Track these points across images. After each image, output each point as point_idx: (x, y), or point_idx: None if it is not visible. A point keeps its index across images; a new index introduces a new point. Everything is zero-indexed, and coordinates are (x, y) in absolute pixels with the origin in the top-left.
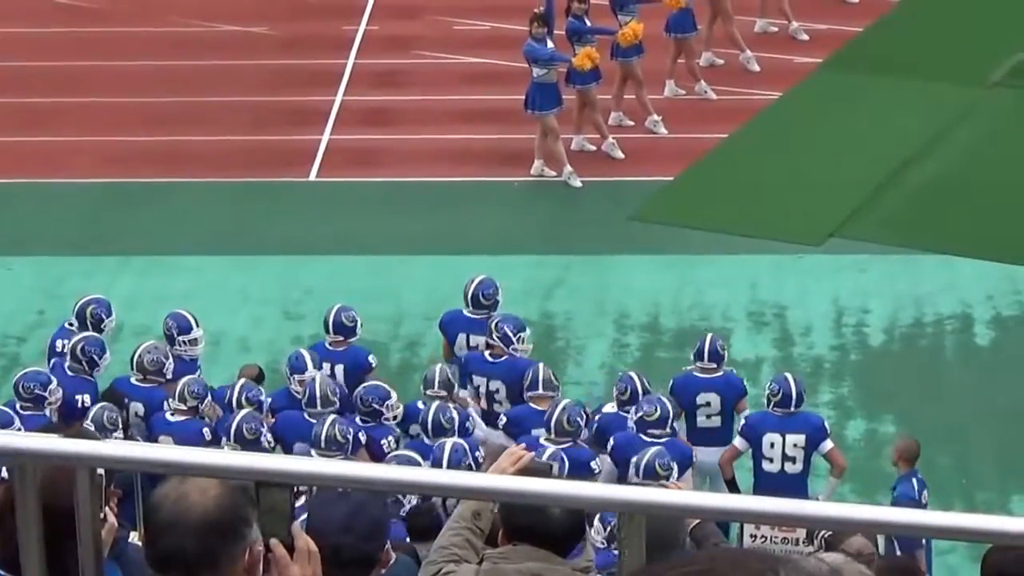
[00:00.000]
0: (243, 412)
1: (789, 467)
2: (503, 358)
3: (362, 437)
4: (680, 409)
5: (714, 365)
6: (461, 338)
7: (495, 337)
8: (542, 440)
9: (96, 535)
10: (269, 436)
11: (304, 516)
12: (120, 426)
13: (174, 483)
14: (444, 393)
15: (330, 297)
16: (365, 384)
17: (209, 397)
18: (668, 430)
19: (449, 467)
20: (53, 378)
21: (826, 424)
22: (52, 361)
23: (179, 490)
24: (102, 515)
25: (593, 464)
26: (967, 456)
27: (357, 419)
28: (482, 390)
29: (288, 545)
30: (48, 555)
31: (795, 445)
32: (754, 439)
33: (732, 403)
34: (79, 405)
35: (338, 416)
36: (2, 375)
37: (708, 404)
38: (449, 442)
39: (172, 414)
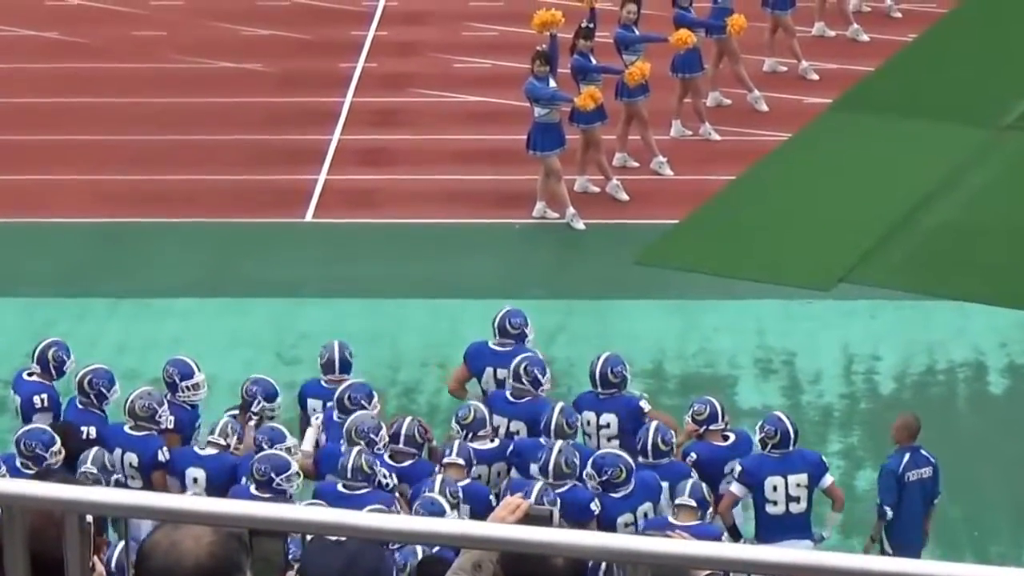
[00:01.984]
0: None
1: (794, 507)
2: (525, 399)
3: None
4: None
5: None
6: (488, 372)
7: (525, 381)
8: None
9: None
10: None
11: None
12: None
13: (166, 530)
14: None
15: (325, 340)
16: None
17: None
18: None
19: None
20: (57, 438)
21: (823, 458)
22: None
23: (172, 537)
24: (90, 564)
25: (593, 506)
26: (980, 507)
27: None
28: (501, 431)
29: None
30: None
31: (798, 485)
32: (756, 484)
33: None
34: (84, 438)
35: (365, 448)
36: None
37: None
38: None
39: (203, 448)
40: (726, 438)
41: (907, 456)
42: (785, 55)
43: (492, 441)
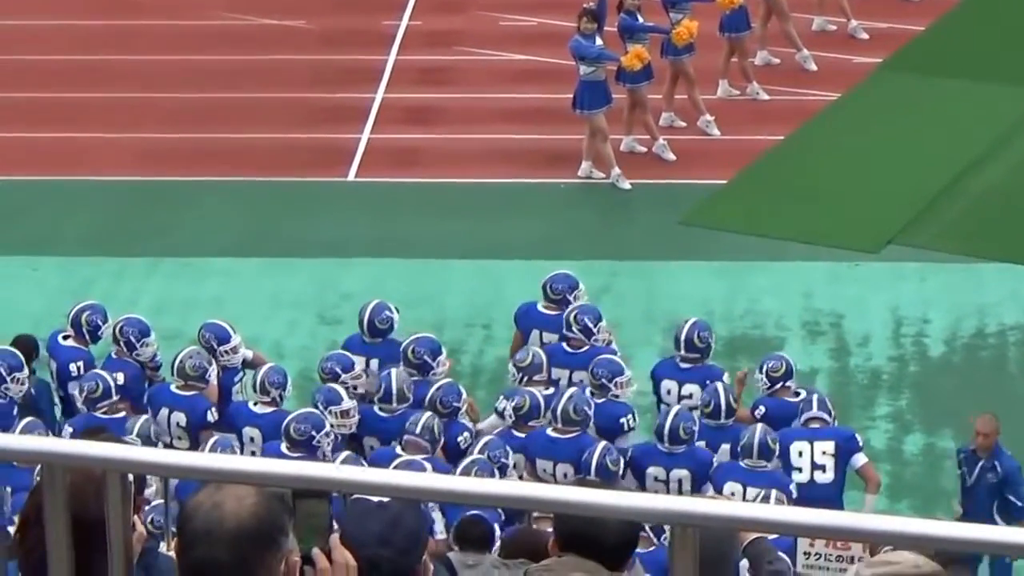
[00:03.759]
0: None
1: (819, 476)
2: (584, 349)
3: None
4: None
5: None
6: (534, 334)
7: (575, 330)
8: (549, 431)
9: (127, 543)
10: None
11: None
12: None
13: (209, 491)
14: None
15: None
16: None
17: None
18: None
19: None
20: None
21: (858, 436)
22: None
23: (214, 498)
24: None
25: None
26: None
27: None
28: (563, 382)
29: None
30: (75, 564)
31: (824, 452)
32: (780, 451)
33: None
34: (113, 384)
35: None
36: None
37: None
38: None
39: (256, 404)
40: (797, 394)
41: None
42: (835, 14)
43: (547, 388)
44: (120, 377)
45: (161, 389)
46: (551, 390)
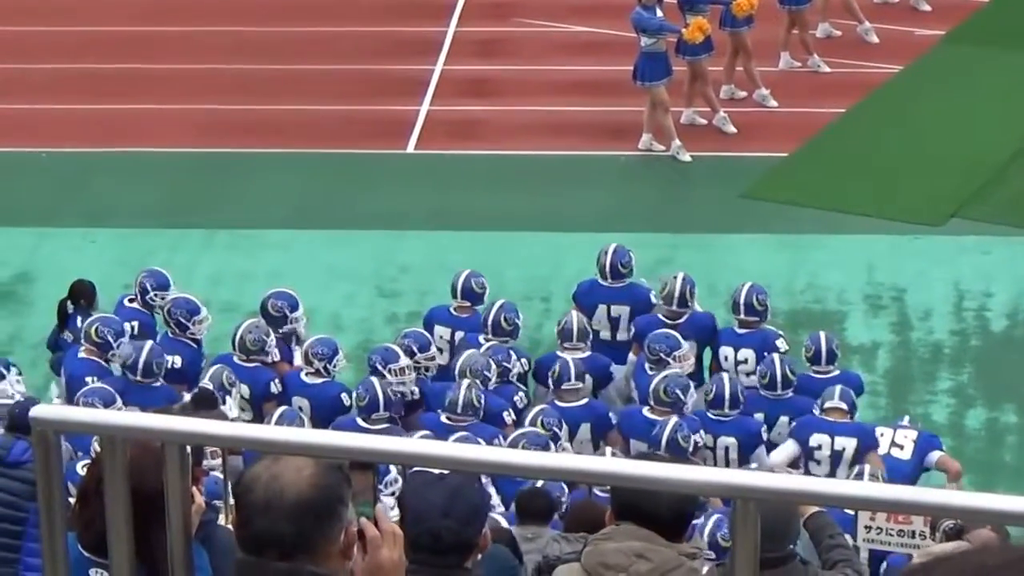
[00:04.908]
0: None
1: (896, 452)
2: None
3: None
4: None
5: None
6: (601, 309)
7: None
8: (645, 411)
9: (186, 515)
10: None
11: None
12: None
13: (266, 463)
14: (582, 346)
15: (427, 274)
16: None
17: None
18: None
19: None
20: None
21: (939, 440)
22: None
23: (272, 470)
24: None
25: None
26: None
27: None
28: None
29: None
30: (134, 538)
31: (905, 437)
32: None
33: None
34: (170, 367)
35: (474, 382)
36: None
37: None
38: None
39: (307, 375)
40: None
41: None
42: None
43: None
44: (178, 360)
45: (224, 358)
46: (588, 353)
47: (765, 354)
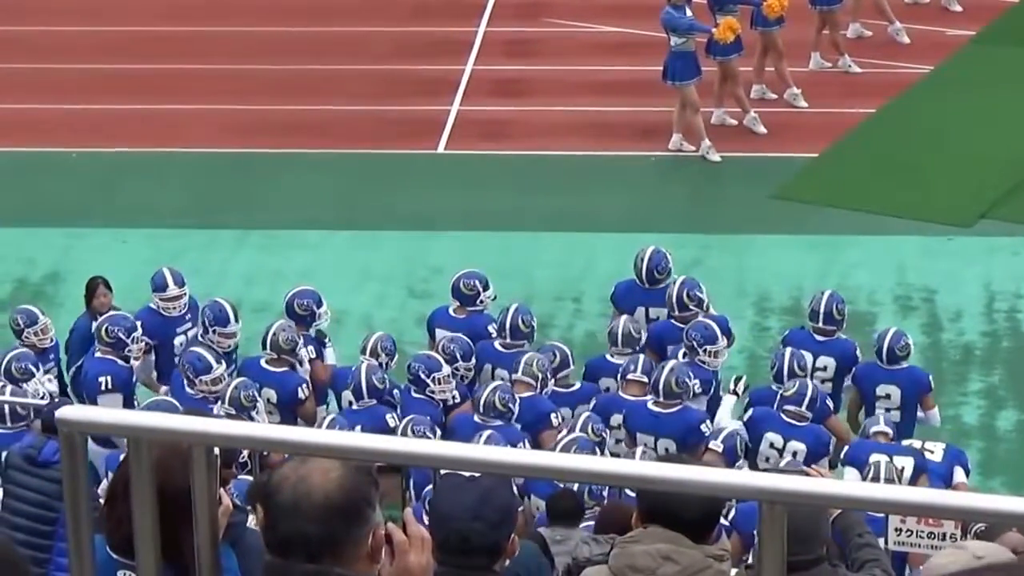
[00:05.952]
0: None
1: (929, 455)
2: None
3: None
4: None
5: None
6: (640, 311)
7: (692, 306)
8: (650, 404)
9: (213, 517)
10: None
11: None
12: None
13: (294, 464)
14: (629, 351)
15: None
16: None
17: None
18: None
19: None
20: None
21: (966, 458)
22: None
23: (299, 472)
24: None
25: (703, 427)
26: None
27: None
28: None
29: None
30: (161, 539)
31: (935, 445)
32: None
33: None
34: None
35: (501, 383)
36: None
37: (888, 396)
38: None
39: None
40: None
41: None
42: None
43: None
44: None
45: (250, 364)
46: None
47: (843, 358)
